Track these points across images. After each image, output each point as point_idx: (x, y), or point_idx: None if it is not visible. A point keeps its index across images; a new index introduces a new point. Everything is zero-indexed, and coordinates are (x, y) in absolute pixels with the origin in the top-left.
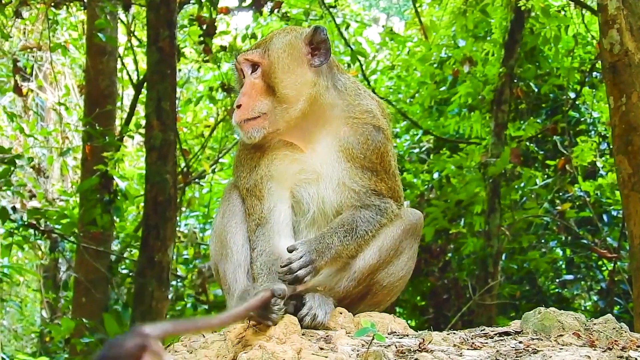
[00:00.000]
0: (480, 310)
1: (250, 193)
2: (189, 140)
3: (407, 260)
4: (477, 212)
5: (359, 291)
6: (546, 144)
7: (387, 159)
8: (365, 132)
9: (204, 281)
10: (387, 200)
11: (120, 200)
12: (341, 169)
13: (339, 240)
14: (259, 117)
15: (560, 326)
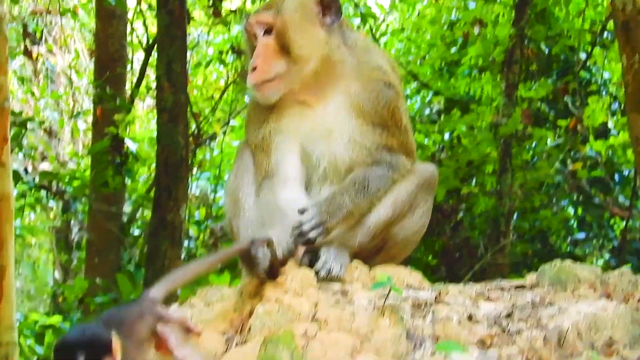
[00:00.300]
0: (492, 269)
1: (258, 148)
2: (200, 103)
3: (422, 215)
4: (489, 172)
5: (373, 246)
6: (557, 104)
7: (398, 115)
8: (376, 88)
9: (217, 241)
10: (399, 156)
11: (132, 162)
12: (352, 125)
13: (350, 199)
14: (274, 78)
15: (576, 279)
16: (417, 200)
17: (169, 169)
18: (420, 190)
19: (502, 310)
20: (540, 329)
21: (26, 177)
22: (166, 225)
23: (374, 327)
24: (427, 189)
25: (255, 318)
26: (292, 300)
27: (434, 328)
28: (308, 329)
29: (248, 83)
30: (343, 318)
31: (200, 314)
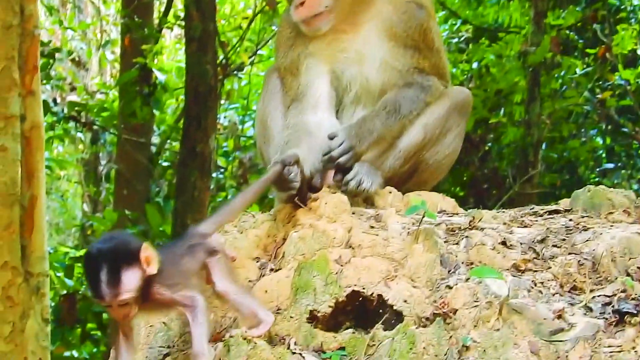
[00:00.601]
0: (520, 200)
1: (288, 71)
2: (228, 32)
3: (454, 138)
4: (517, 102)
5: (405, 170)
6: (586, 32)
7: (429, 36)
8: (408, 10)
9: (245, 172)
10: (431, 78)
11: (160, 93)
12: (384, 48)
13: (381, 122)
14: (322, 12)
15: (610, 203)
16: (449, 123)
17: (198, 99)
18: (453, 113)
19: (536, 235)
20: (574, 254)
21: (55, 108)
22: (195, 155)
23: (408, 252)
24: (460, 113)
25: (289, 244)
26: (326, 226)
27: (468, 253)
28: (342, 255)
29: (295, 17)
30: (377, 243)
31: (234, 241)
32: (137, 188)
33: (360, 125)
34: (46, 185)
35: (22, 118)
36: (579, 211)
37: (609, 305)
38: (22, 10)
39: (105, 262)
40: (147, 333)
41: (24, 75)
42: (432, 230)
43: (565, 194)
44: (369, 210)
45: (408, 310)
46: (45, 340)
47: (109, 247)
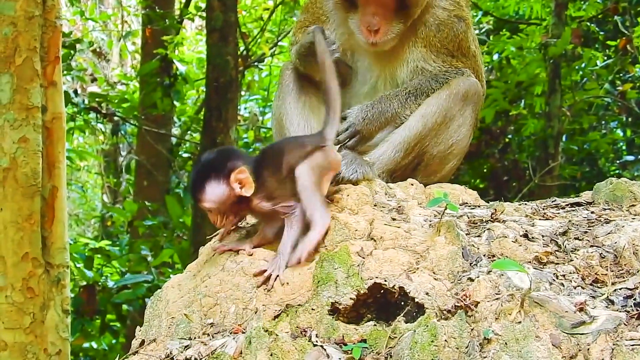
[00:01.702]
0: (540, 192)
1: (298, 33)
2: (248, 23)
3: (459, 127)
4: (538, 93)
5: (408, 162)
6: (607, 24)
7: (465, 45)
8: (449, 23)
9: None
10: (465, 70)
11: (180, 84)
12: (417, 52)
13: (399, 102)
14: (394, 36)
15: (632, 196)
16: (452, 112)
17: (219, 90)
18: (454, 102)
19: (558, 227)
20: (596, 247)
21: (76, 99)
22: (216, 146)
23: (430, 244)
24: (464, 101)
25: None
26: (347, 218)
27: (490, 246)
28: (364, 247)
29: (366, 40)
30: (399, 235)
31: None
32: (157, 179)
33: (372, 106)
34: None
35: (43, 109)
36: (601, 204)
37: (630, 298)
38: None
39: (201, 169)
40: (168, 325)
41: (46, 66)
42: (454, 223)
43: (585, 186)
44: (391, 202)
45: (430, 303)
46: (65, 332)
47: (210, 158)
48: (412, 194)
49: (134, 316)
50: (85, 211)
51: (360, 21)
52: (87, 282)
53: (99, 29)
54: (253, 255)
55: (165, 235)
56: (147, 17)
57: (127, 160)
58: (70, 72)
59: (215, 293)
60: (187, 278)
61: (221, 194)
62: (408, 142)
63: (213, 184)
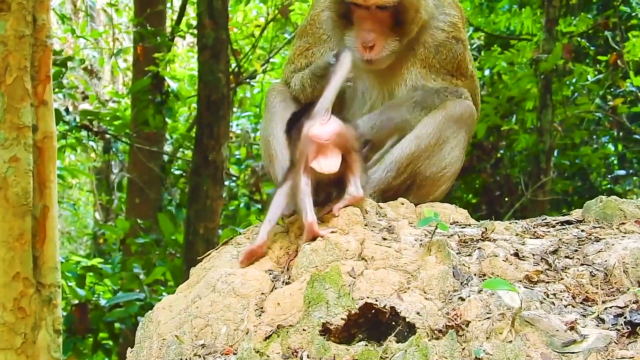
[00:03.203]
0: (532, 207)
1: (293, 62)
2: (240, 40)
3: (452, 150)
4: (529, 109)
5: (400, 183)
6: (597, 39)
7: (463, 65)
8: (448, 44)
9: (258, 180)
10: (462, 89)
11: (172, 101)
12: (416, 72)
13: (407, 109)
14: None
15: (622, 214)
16: (446, 134)
17: (211, 107)
18: (450, 123)
19: (548, 246)
20: (586, 265)
21: (67, 117)
22: (208, 164)
23: (421, 264)
24: (458, 123)
25: (301, 256)
26: (338, 238)
27: (481, 265)
28: (355, 267)
29: (361, 57)
30: (389, 255)
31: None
32: (149, 196)
33: (380, 113)
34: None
35: (34, 128)
36: (591, 222)
37: (621, 317)
38: (34, 20)
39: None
40: (159, 346)
41: (37, 85)
42: (445, 242)
43: (577, 200)
44: (381, 222)
45: (421, 323)
46: (57, 352)
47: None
48: (402, 213)
49: (127, 334)
50: (77, 229)
51: (356, 38)
52: (79, 300)
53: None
54: (245, 275)
55: (157, 253)
56: (138, 35)
57: (119, 177)
58: (61, 89)
59: (206, 314)
60: (178, 299)
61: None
62: (401, 162)
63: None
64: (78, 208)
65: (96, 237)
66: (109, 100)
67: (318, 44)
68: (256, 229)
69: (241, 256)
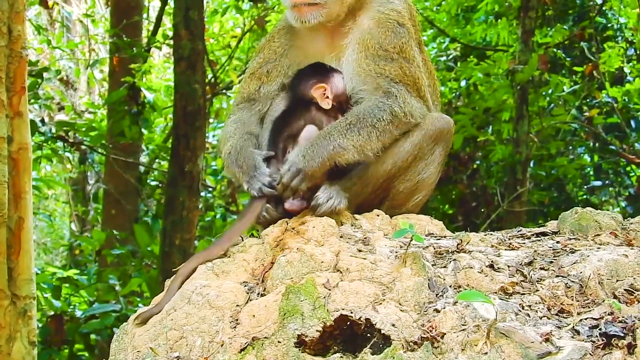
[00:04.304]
0: (509, 217)
1: (253, 76)
2: (216, 51)
3: (426, 166)
4: (505, 119)
5: (375, 197)
6: (573, 50)
7: (408, 50)
8: (389, 25)
9: (234, 191)
10: (398, 86)
11: (148, 112)
12: (354, 57)
13: (340, 134)
14: (318, 3)
15: (597, 226)
16: (422, 152)
17: (187, 118)
18: (426, 141)
19: (524, 258)
20: (561, 277)
21: (43, 128)
22: (184, 175)
23: (396, 276)
24: (436, 140)
25: (277, 268)
26: (313, 250)
27: (456, 276)
28: (330, 278)
29: (288, 1)
30: (365, 267)
31: (221, 265)
32: (125, 207)
33: (313, 143)
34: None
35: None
36: (566, 233)
37: (596, 328)
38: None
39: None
40: (133, 358)
41: (12, 96)
42: (420, 254)
43: (553, 211)
44: (356, 234)
45: (396, 334)
46: None
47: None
48: (378, 225)
49: (102, 346)
50: (53, 240)
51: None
52: (54, 311)
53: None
54: (220, 287)
55: (133, 264)
56: (114, 46)
57: (95, 188)
58: (37, 100)
59: (181, 326)
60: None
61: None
62: (377, 177)
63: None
64: (54, 219)
65: (72, 248)
66: (85, 111)
67: (271, 59)
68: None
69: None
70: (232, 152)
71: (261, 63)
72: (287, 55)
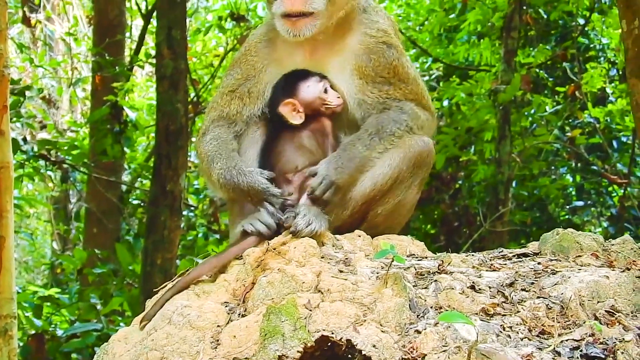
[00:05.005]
0: (491, 237)
1: (233, 95)
2: (199, 70)
3: (406, 189)
4: (488, 139)
5: (354, 219)
6: (556, 70)
7: (402, 71)
8: (379, 50)
9: (216, 210)
10: (407, 103)
11: (131, 130)
12: (353, 85)
13: (364, 145)
14: (312, 14)
15: (579, 247)
16: (403, 174)
17: (169, 137)
18: (407, 164)
19: (505, 279)
20: (542, 298)
21: (25, 147)
22: (166, 194)
23: (377, 296)
24: (416, 164)
25: (257, 288)
26: (294, 270)
27: (437, 297)
28: (311, 299)
29: (278, 10)
30: (346, 288)
31: (202, 285)
32: (107, 227)
33: (339, 155)
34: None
35: None
36: (548, 254)
37: (577, 350)
38: None
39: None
40: None
41: None
42: (401, 275)
43: (535, 231)
44: (338, 254)
45: (377, 356)
46: None
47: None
48: (359, 245)
49: None
50: (34, 259)
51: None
52: (35, 330)
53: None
54: (201, 307)
55: (115, 283)
56: (97, 64)
57: (76, 207)
58: (19, 119)
59: (162, 346)
60: (134, 331)
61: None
62: (356, 200)
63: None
64: (35, 238)
65: (53, 267)
66: (67, 130)
67: (249, 73)
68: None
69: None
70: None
71: (240, 80)
72: (265, 71)
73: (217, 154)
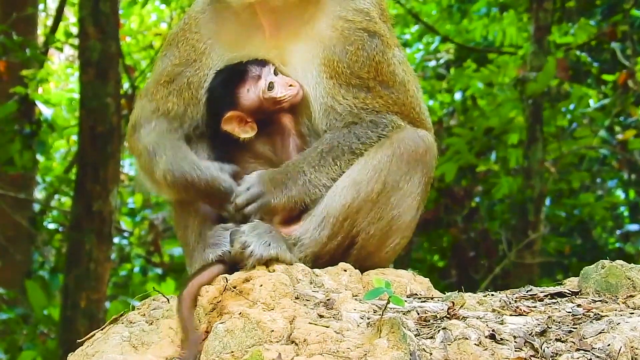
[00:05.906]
0: (518, 272)
1: (171, 89)
2: (134, 53)
3: (402, 197)
4: (513, 143)
5: (338, 243)
6: (602, 52)
7: (385, 70)
8: (357, 40)
9: (157, 237)
10: (385, 115)
11: (45, 133)
12: (322, 86)
13: (309, 166)
14: None
15: (630, 284)
16: (394, 178)
17: (97, 141)
18: (398, 165)
19: (535, 326)
20: (583, 350)
21: None
22: (92, 215)
23: (368, 349)
24: (411, 164)
25: (213, 339)
26: (261, 315)
27: (447, 350)
28: (282, 352)
29: None
30: (327, 337)
31: (142, 335)
32: (14, 258)
33: (282, 169)
34: None
35: None
36: (590, 294)
37: None
38: None
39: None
40: None
41: None
42: (399, 321)
43: (575, 264)
44: (317, 294)
45: None
46: None
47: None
48: (344, 282)
49: None
50: None
51: None
52: None
53: None
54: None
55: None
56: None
57: None
58: None
59: None
60: None
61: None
62: (335, 216)
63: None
64: None
65: None
66: None
67: (190, 56)
68: (155, 303)
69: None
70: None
71: (177, 66)
72: (209, 54)
73: (160, 144)
